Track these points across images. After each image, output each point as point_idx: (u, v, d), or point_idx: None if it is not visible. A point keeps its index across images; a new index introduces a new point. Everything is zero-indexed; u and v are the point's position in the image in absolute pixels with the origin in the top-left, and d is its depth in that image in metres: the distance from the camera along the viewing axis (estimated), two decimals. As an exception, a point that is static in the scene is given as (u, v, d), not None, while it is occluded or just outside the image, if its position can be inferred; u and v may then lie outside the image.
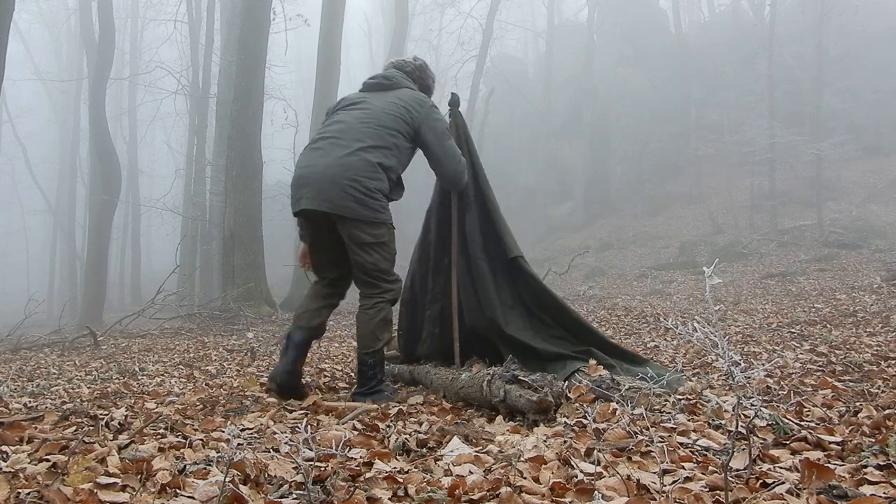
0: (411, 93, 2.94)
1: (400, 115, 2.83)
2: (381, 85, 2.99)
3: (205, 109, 17.13)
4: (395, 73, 3.02)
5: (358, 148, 2.73)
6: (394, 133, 2.80)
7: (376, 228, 2.77)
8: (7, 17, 5.58)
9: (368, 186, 2.70)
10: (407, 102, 2.86)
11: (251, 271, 9.23)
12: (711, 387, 2.59)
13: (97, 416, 2.33)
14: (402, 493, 1.46)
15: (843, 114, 17.95)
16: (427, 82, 3.15)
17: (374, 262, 2.79)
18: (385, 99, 2.88)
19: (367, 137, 2.76)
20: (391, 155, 2.78)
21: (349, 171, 2.69)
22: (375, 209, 2.73)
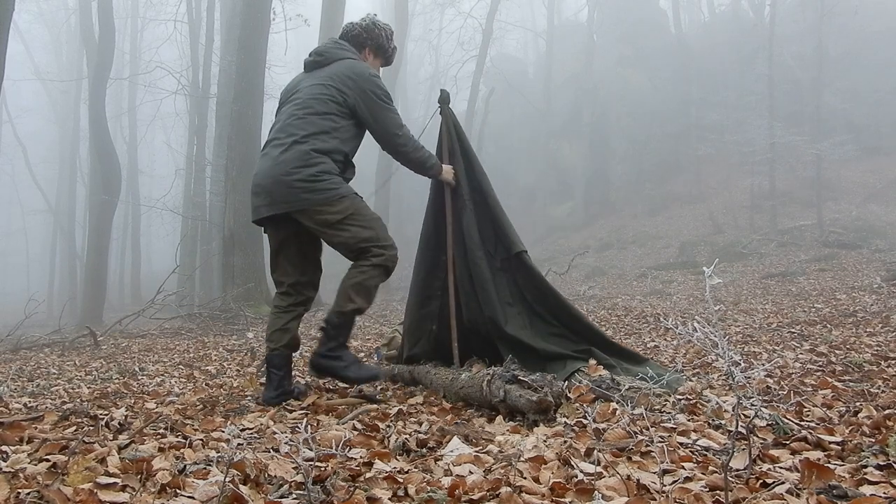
0: (344, 66, 2.80)
1: (328, 95, 2.74)
2: (315, 63, 2.89)
3: (205, 109, 17.13)
4: (329, 47, 2.90)
5: (292, 142, 2.68)
6: (326, 116, 2.72)
7: (337, 205, 2.68)
8: (7, 17, 5.58)
9: (310, 173, 2.64)
10: (337, 79, 2.75)
11: (251, 271, 9.22)
12: (711, 387, 2.59)
13: (97, 416, 2.33)
14: (402, 493, 1.46)
15: (843, 114, 17.96)
16: (379, 41, 3.00)
17: (352, 236, 2.70)
18: (315, 80, 2.79)
19: (299, 129, 2.70)
20: (329, 138, 2.70)
21: (287, 167, 2.65)
22: (327, 188, 2.66)
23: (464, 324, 3.06)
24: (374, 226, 2.76)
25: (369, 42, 2.98)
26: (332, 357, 2.70)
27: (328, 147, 2.70)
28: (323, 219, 2.67)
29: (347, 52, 2.89)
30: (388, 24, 3.08)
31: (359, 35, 2.96)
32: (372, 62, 3.02)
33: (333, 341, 2.71)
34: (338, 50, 2.88)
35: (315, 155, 2.66)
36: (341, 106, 2.74)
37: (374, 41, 2.99)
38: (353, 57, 2.87)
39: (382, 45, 3.01)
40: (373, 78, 2.78)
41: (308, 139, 2.67)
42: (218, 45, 16.53)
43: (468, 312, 3.05)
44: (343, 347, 2.74)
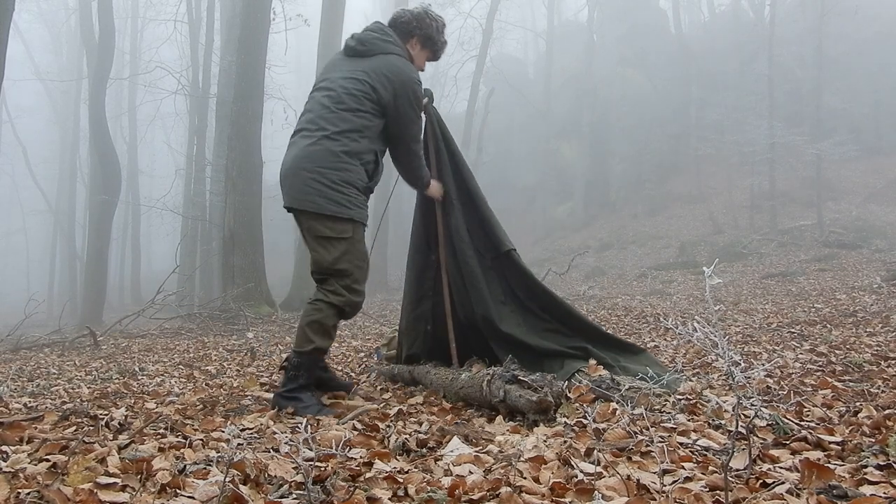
0: (386, 63, 2.64)
1: (363, 92, 2.58)
2: (355, 51, 2.71)
3: (205, 109, 17.13)
4: (372, 38, 2.70)
5: (321, 136, 2.55)
6: (358, 114, 2.58)
7: (339, 223, 2.55)
8: (7, 17, 5.58)
9: (332, 178, 2.52)
10: (374, 76, 2.60)
11: (251, 271, 9.23)
12: (711, 387, 2.59)
13: (97, 416, 2.33)
14: (402, 493, 1.46)
15: (843, 114, 17.96)
16: (428, 32, 2.81)
17: (332, 260, 2.55)
18: (352, 71, 2.63)
19: (330, 124, 2.56)
20: (360, 137, 2.57)
21: (311, 163, 2.54)
22: (341, 203, 2.53)
23: (461, 321, 3.05)
24: (356, 264, 2.61)
25: (418, 31, 2.80)
26: (291, 398, 2.52)
27: (359, 148, 2.58)
28: (314, 227, 2.57)
29: (392, 45, 2.71)
30: (440, 16, 2.90)
31: (408, 22, 2.79)
32: (418, 53, 2.85)
33: (293, 382, 2.55)
34: (381, 42, 2.70)
35: (344, 159, 2.54)
36: (375, 104, 2.60)
37: (424, 31, 2.81)
38: (396, 52, 2.71)
39: (432, 37, 2.84)
40: (413, 84, 2.65)
41: (339, 137, 2.55)
42: (218, 45, 16.53)
43: (462, 311, 3.05)
44: (305, 389, 2.55)
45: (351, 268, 2.58)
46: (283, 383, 2.59)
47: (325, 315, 2.56)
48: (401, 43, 2.75)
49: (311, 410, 2.45)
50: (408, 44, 2.80)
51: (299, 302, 10.88)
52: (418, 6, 2.86)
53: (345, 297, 2.57)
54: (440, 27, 2.86)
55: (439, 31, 2.86)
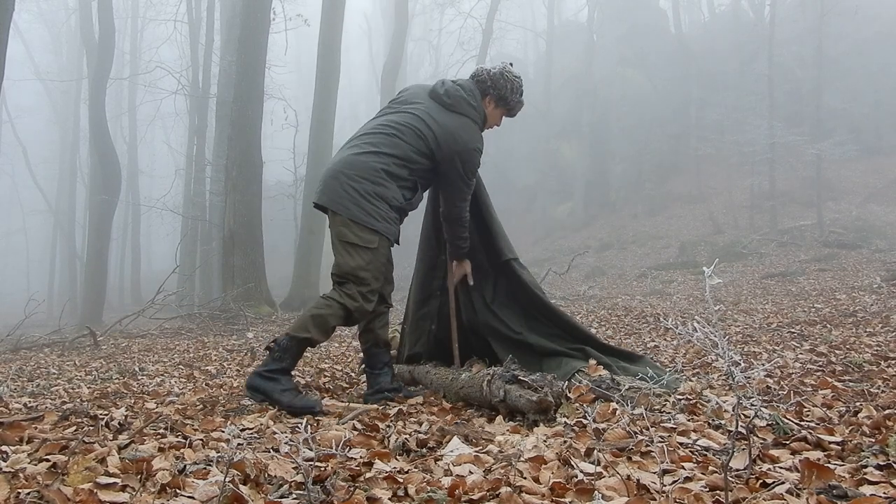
0: (457, 125, 2.75)
1: (424, 137, 2.70)
2: (439, 99, 2.81)
3: (205, 109, 17.14)
4: (459, 97, 2.79)
5: (369, 151, 2.67)
6: (412, 150, 2.69)
7: (366, 233, 2.63)
8: (7, 17, 5.58)
9: (368, 189, 2.62)
10: (444, 132, 2.71)
11: (251, 271, 9.23)
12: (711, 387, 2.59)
13: (97, 416, 2.33)
14: (402, 493, 1.46)
15: (843, 114, 17.96)
16: (502, 93, 2.89)
17: (354, 266, 2.63)
18: (427, 117, 2.74)
19: (384, 145, 2.68)
20: (404, 166, 2.68)
21: (351, 170, 2.64)
22: (371, 214, 2.62)
23: (463, 324, 3.07)
24: (374, 274, 2.68)
25: (492, 91, 2.89)
26: (270, 378, 2.57)
27: (401, 173, 2.69)
28: (343, 232, 2.64)
29: (473, 109, 2.81)
30: (520, 76, 2.97)
31: (484, 81, 2.88)
32: (492, 112, 2.93)
33: (276, 363, 2.59)
34: (465, 104, 2.80)
35: (383, 176, 2.64)
36: (431, 153, 2.72)
37: (498, 91, 2.89)
38: (473, 116, 2.81)
39: (505, 97, 2.91)
40: (472, 151, 2.76)
41: (385, 158, 2.65)
42: (218, 45, 16.54)
43: (466, 312, 3.07)
44: (285, 373, 2.61)
45: (370, 278, 2.65)
46: (266, 363, 2.63)
47: (333, 313, 2.62)
48: (480, 107, 2.86)
49: (288, 396, 2.51)
50: (484, 101, 2.89)
51: (299, 302, 10.88)
52: (499, 65, 2.93)
53: (358, 302, 2.64)
54: (515, 87, 2.91)
55: (514, 91, 2.91)
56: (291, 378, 2.65)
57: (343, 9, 12.91)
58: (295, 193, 15.62)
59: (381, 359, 2.87)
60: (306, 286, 11.41)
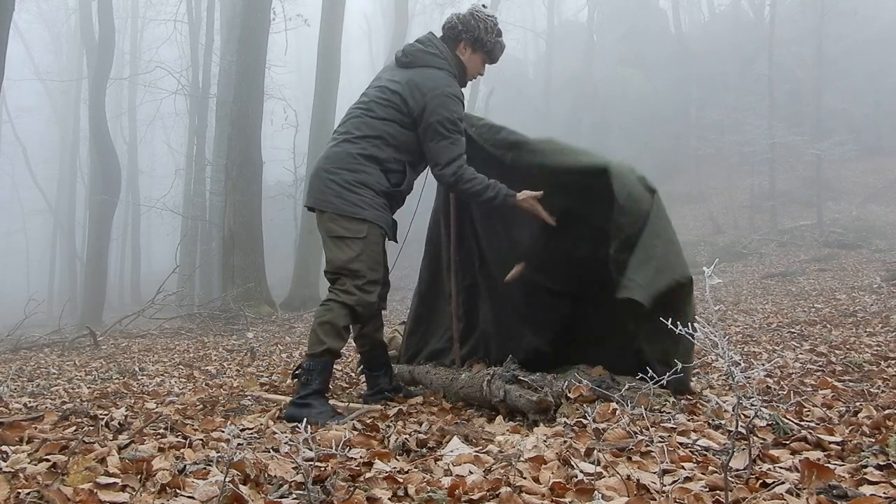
0: (421, 75, 2.57)
1: (392, 103, 2.55)
2: (401, 62, 2.67)
3: (205, 109, 17.14)
4: (415, 49, 2.64)
5: (343, 140, 2.58)
6: (385, 122, 2.55)
7: (354, 223, 2.51)
8: (7, 17, 5.58)
9: (347, 179, 2.51)
10: (407, 88, 2.55)
11: (251, 271, 9.23)
12: (711, 387, 2.59)
13: (97, 416, 2.33)
14: (402, 493, 1.46)
15: (843, 114, 17.96)
16: (475, 34, 2.65)
17: (345, 259, 2.51)
18: (389, 81, 2.61)
19: (354, 128, 2.58)
20: (383, 145, 2.54)
21: (330, 163, 2.56)
22: (356, 203, 2.51)
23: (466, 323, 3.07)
24: (369, 265, 2.54)
25: (465, 35, 2.66)
26: (303, 405, 2.41)
27: (381, 154, 2.54)
28: (331, 227, 2.54)
29: (435, 56, 2.62)
30: (495, 15, 2.72)
31: (454, 27, 2.67)
32: (469, 58, 2.71)
33: (306, 388, 2.44)
34: (423, 53, 2.62)
35: (361, 161, 2.53)
36: (405, 116, 2.55)
37: (471, 34, 2.65)
38: (438, 64, 2.60)
39: (480, 38, 2.66)
40: (444, 97, 2.53)
41: (360, 141, 2.55)
42: (218, 45, 16.54)
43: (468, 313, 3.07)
44: (318, 395, 2.46)
45: (364, 269, 2.53)
46: (298, 391, 2.49)
47: (337, 315, 2.50)
48: (447, 54, 2.65)
49: (323, 417, 2.35)
50: (457, 50, 2.69)
51: (299, 302, 10.88)
52: (470, 10, 2.71)
53: (356, 295, 2.51)
54: (489, 27, 2.67)
55: (489, 31, 2.67)
56: (325, 399, 2.51)
57: (343, 9, 12.91)
58: (295, 193, 15.62)
59: (379, 360, 2.83)
60: (306, 286, 11.41)
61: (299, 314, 9.59)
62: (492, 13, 2.70)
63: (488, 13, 2.69)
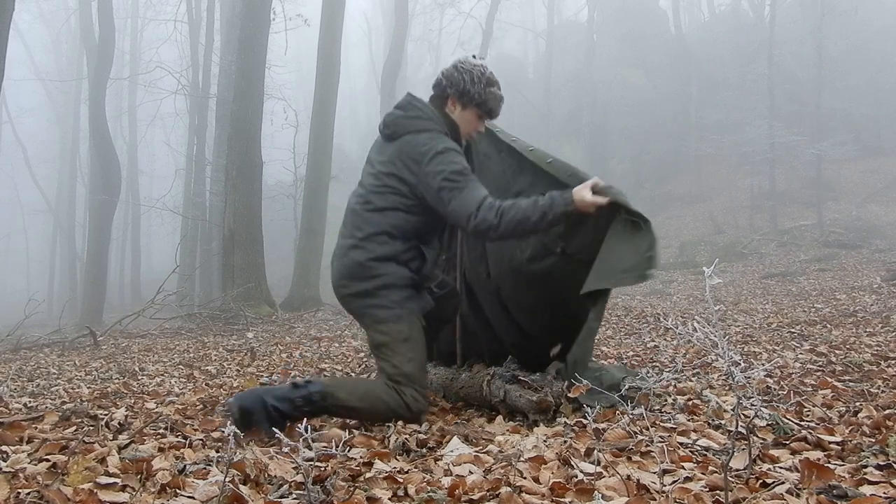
0: (406, 145, 2.33)
1: (389, 188, 2.32)
2: (384, 134, 2.44)
3: (205, 109, 17.14)
4: (395, 118, 2.40)
5: (349, 247, 2.35)
6: (387, 213, 2.32)
7: (392, 325, 2.30)
8: (7, 17, 5.58)
9: (366, 289, 2.31)
10: (400, 163, 2.32)
11: (251, 271, 9.22)
12: (711, 387, 2.59)
13: (97, 416, 2.33)
14: (402, 493, 1.46)
15: (843, 114, 17.96)
16: (461, 87, 2.39)
17: (397, 362, 2.27)
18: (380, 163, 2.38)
19: (356, 228, 2.35)
20: (389, 239, 2.31)
21: (345, 279, 2.36)
22: (385, 306, 2.30)
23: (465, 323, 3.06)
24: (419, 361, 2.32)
25: (450, 90, 2.41)
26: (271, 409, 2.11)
27: (391, 250, 2.31)
28: (373, 336, 2.35)
29: (418, 119, 2.37)
30: (482, 62, 2.46)
31: (438, 84, 2.44)
32: (460, 115, 2.43)
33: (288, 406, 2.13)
34: (404, 120, 2.38)
35: (374, 266, 2.30)
36: (406, 197, 2.31)
37: (455, 87, 2.39)
38: (422, 127, 2.35)
39: (467, 91, 2.39)
40: (436, 156, 2.27)
41: (365, 244, 2.31)
42: (218, 45, 16.53)
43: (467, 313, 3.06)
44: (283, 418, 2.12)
45: (417, 372, 2.30)
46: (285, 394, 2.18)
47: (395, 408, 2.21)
48: (431, 113, 2.39)
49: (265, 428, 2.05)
50: (446, 108, 2.44)
51: (299, 302, 10.87)
52: (457, 63, 2.46)
53: (421, 403, 2.27)
54: (476, 77, 2.39)
55: (476, 82, 2.39)
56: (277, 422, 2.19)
57: (343, 9, 12.90)
58: (295, 193, 15.62)
59: None
60: (306, 286, 11.40)
61: (299, 314, 9.58)
62: (480, 62, 2.45)
63: (475, 62, 2.44)
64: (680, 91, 21.67)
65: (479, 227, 2.22)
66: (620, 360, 3.58)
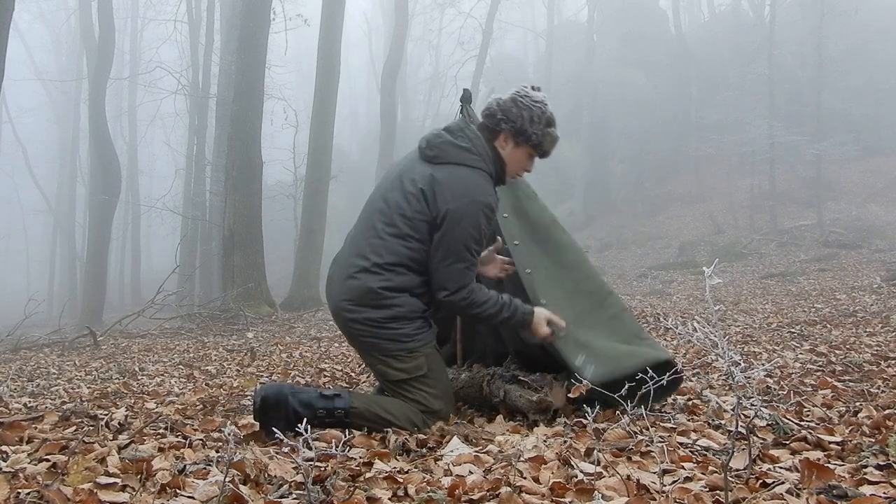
0: (447, 175, 2.14)
1: (420, 213, 2.13)
2: (424, 154, 2.23)
3: (205, 109, 17.14)
4: (443, 143, 2.20)
5: (361, 269, 2.16)
6: (410, 242, 2.14)
7: (409, 361, 2.16)
8: (7, 17, 5.57)
9: (376, 318, 2.14)
10: (430, 189, 2.13)
11: (251, 271, 9.22)
12: (711, 387, 2.59)
13: (97, 416, 2.33)
14: (402, 493, 1.46)
15: (843, 114, 17.97)
16: (518, 125, 2.21)
17: (421, 403, 2.15)
18: (413, 182, 2.17)
19: (373, 252, 2.15)
20: (406, 271, 2.15)
21: (350, 302, 2.17)
22: (399, 340, 2.14)
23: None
24: (442, 395, 2.22)
25: (505, 125, 2.22)
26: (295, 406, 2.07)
27: (407, 284, 2.16)
28: (384, 371, 2.19)
29: (467, 152, 2.18)
30: (543, 98, 2.26)
31: (492, 115, 2.24)
32: (511, 153, 2.26)
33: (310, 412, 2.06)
34: (452, 148, 2.18)
35: (387, 296, 2.13)
36: (431, 225, 2.14)
37: (512, 124, 2.21)
38: (468, 162, 2.17)
39: (523, 130, 2.21)
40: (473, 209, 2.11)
41: (381, 271, 2.13)
42: (218, 45, 16.53)
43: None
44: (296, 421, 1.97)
45: (444, 407, 2.20)
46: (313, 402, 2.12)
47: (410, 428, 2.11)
48: (482, 147, 2.21)
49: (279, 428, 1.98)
50: (496, 142, 2.26)
51: (299, 302, 10.88)
52: (514, 93, 2.26)
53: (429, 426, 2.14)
54: (536, 115, 2.21)
55: (535, 121, 2.22)
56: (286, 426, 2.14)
57: (343, 9, 12.91)
58: (295, 193, 15.62)
59: None
60: (306, 286, 11.40)
61: (299, 314, 9.59)
62: (542, 98, 2.26)
63: (536, 98, 2.24)
64: (680, 91, 21.68)
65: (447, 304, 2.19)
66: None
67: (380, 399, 2.23)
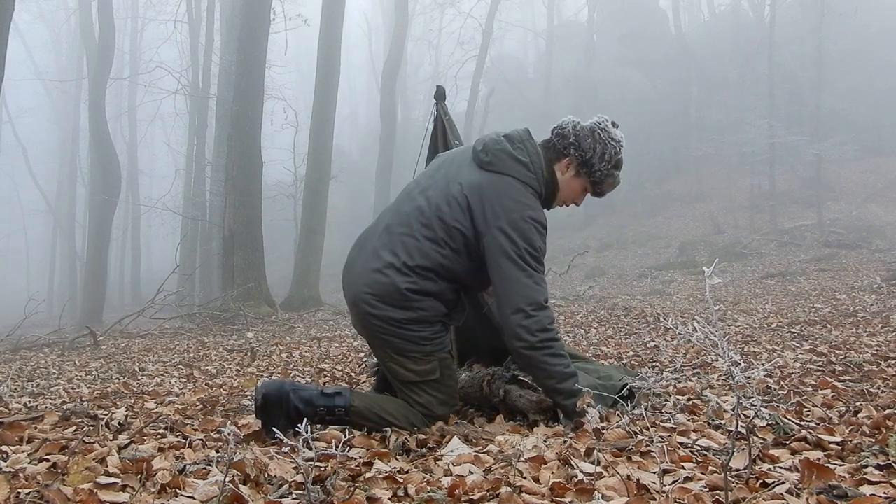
0: (496, 184, 2.06)
1: (460, 223, 2.06)
2: (477, 157, 2.14)
3: (205, 109, 17.14)
4: (500, 151, 2.10)
5: (390, 264, 2.08)
6: (443, 248, 2.07)
7: (422, 364, 2.12)
8: (7, 17, 5.58)
9: (397, 318, 2.09)
10: (476, 195, 2.06)
11: (251, 271, 9.23)
12: (711, 387, 2.59)
13: (97, 416, 2.33)
14: (402, 493, 1.46)
15: (843, 114, 17.99)
16: (587, 156, 2.13)
17: (425, 406, 2.13)
18: (459, 186, 2.09)
19: (405, 252, 2.08)
20: (436, 278, 2.09)
21: (374, 297, 2.09)
22: (413, 341, 2.10)
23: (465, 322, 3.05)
24: (448, 401, 2.19)
25: (574, 151, 2.14)
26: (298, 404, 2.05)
27: (434, 289, 2.10)
28: (396, 370, 2.15)
29: (520, 166, 2.09)
30: (621, 137, 2.18)
31: (565, 136, 2.15)
32: (569, 180, 2.19)
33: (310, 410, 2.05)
34: (508, 158, 2.10)
35: (412, 298, 2.07)
36: (469, 239, 2.07)
37: (582, 154, 2.13)
38: (521, 177, 2.09)
39: (590, 163, 2.14)
40: (521, 220, 2.02)
41: (410, 273, 2.06)
42: (218, 45, 16.54)
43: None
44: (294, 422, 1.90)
45: (444, 409, 2.18)
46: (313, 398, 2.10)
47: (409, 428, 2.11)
48: (540, 167, 2.13)
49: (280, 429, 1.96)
50: (557, 165, 2.18)
51: (299, 302, 10.88)
52: (595, 118, 2.18)
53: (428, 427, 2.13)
54: (610, 154, 2.14)
55: (606, 159, 2.14)
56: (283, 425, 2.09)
57: (343, 9, 12.92)
58: (295, 193, 15.63)
59: None
60: (306, 286, 11.41)
61: (299, 314, 9.59)
62: (620, 137, 2.17)
63: (615, 136, 2.15)
64: (680, 91, 21.69)
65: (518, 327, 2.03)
66: (620, 360, 3.57)
67: (380, 399, 2.25)
